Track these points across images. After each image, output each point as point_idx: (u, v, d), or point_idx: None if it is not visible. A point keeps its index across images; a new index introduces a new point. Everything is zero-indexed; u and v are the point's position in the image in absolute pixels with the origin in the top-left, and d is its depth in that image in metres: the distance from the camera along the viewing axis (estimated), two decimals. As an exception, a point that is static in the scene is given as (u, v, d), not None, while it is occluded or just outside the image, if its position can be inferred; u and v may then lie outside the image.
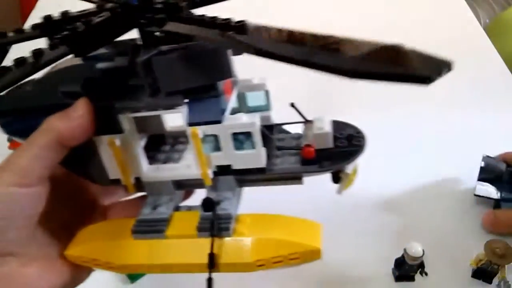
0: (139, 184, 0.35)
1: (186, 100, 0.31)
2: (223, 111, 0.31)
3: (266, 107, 0.38)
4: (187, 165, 0.34)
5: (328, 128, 0.34)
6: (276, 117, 0.40)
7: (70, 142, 0.31)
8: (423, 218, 0.61)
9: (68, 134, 0.30)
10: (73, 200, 0.38)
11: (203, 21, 0.27)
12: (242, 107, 0.38)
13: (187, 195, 0.39)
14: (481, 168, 0.61)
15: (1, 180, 0.30)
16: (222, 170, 0.33)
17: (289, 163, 0.34)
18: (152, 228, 0.33)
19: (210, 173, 0.33)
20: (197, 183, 0.34)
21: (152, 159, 0.36)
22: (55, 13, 0.34)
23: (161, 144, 0.39)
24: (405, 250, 0.51)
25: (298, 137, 0.37)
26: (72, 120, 0.30)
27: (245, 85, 0.36)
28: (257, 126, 0.31)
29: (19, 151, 0.31)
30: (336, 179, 0.34)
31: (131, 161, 0.33)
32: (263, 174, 0.33)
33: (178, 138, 0.39)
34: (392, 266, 0.55)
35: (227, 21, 0.26)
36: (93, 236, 0.35)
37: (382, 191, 0.65)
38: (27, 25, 0.38)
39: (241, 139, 0.31)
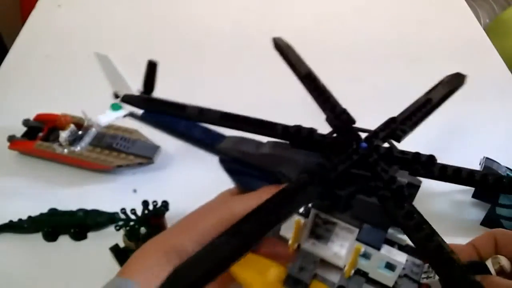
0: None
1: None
2: (383, 240, 0.40)
3: None
4: (336, 253, 0.43)
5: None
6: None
7: None
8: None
9: None
10: None
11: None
12: None
13: None
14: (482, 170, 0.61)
15: None
16: (360, 272, 0.42)
17: None
18: (295, 286, 0.43)
19: (352, 272, 0.42)
20: (338, 268, 0.43)
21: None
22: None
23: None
24: None
25: (419, 265, 0.44)
26: None
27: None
28: (402, 264, 0.39)
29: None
30: None
31: (305, 233, 0.43)
32: None
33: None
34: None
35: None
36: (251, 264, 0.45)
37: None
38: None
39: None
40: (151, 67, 0.57)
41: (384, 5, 1.08)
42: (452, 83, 0.50)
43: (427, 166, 0.39)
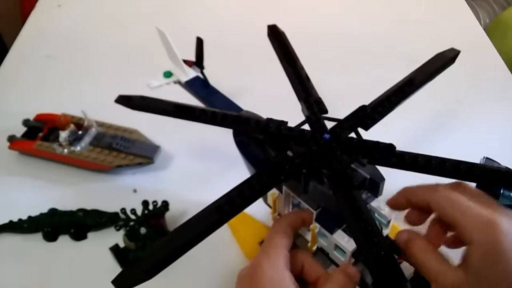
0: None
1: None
2: (338, 226, 0.43)
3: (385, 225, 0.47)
4: (308, 230, 0.46)
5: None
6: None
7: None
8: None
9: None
10: None
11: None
12: None
13: None
14: None
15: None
16: (322, 251, 0.46)
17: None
18: None
19: (314, 248, 0.46)
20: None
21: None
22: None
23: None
24: None
25: None
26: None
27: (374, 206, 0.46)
28: (350, 251, 0.41)
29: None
30: None
31: (281, 205, 0.48)
32: None
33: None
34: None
35: None
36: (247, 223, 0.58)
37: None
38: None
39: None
40: (199, 43, 0.66)
41: (384, 5, 1.08)
42: (441, 60, 0.48)
43: (386, 154, 0.39)
